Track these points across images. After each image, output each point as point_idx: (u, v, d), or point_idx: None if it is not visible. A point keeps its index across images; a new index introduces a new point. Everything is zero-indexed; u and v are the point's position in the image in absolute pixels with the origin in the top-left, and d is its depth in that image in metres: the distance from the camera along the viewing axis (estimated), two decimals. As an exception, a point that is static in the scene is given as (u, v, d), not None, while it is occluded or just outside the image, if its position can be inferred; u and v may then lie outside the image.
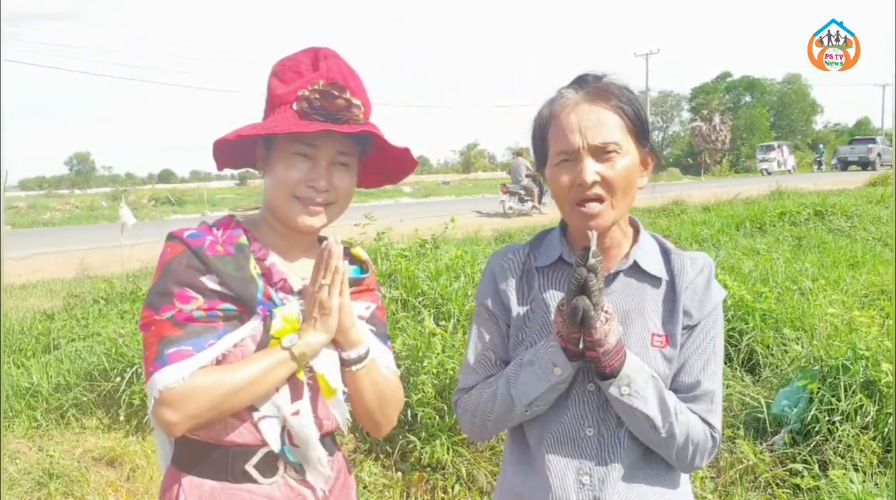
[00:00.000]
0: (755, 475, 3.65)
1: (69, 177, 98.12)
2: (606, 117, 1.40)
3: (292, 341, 1.44)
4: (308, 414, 1.48)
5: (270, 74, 1.53)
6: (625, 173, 1.40)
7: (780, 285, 5.87)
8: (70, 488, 3.85)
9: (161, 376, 1.37)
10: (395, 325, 4.78)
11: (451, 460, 3.82)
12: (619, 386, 1.35)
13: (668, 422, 1.37)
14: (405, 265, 5.83)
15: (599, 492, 1.43)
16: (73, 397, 4.79)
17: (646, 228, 1.58)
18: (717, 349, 1.48)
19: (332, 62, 1.50)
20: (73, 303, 7.35)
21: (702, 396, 1.44)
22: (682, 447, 1.41)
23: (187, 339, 1.40)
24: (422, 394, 3.94)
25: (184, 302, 1.41)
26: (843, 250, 8.77)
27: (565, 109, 1.42)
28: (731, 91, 68.39)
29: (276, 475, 1.49)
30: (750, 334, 4.80)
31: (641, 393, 1.35)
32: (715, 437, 1.44)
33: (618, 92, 1.43)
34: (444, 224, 7.73)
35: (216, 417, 1.42)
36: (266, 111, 1.53)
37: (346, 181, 1.53)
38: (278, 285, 1.51)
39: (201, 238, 1.47)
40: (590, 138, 1.38)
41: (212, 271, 1.44)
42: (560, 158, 1.42)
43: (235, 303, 1.45)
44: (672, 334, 1.44)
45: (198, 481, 1.47)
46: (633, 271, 1.48)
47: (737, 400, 4.30)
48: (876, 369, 3.74)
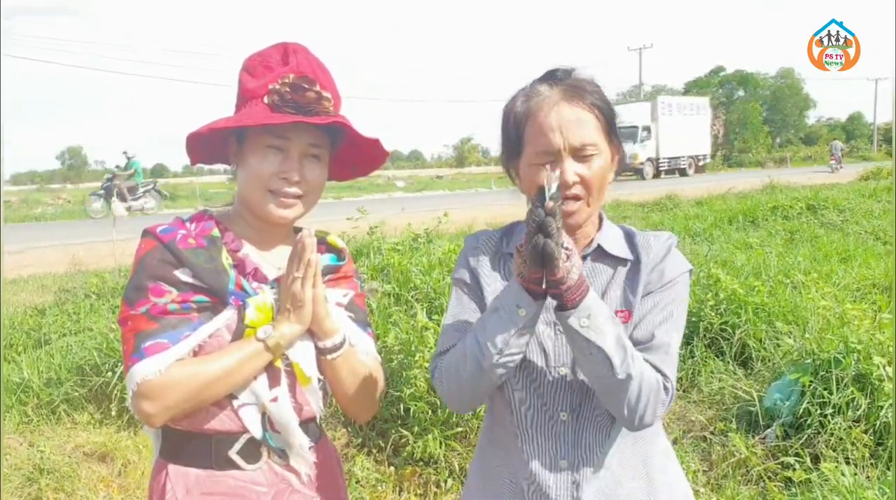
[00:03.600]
0: (747, 468, 3.65)
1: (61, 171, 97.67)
2: (585, 117, 1.42)
3: (266, 333, 1.47)
4: (286, 400, 1.51)
5: (241, 69, 1.55)
6: (601, 173, 1.44)
7: (772, 278, 5.88)
8: (61, 483, 3.83)
9: (138, 369, 1.40)
10: (387, 319, 4.77)
11: (443, 454, 3.81)
12: (578, 318, 1.32)
13: (624, 363, 1.34)
14: (398, 259, 5.82)
15: (577, 475, 1.45)
16: (64, 392, 4.76)
17: (638, 222, 1.60)
18: (675, 314, 1.47)
19: (301, 56, 1.53)
20: (65, 298, 7.31)
21: (656, 347, 1.43)
22: (635, 395, 1.36)
23: (163, 332, 1.43)
24: (414, 388, 3.93)
25: (158, 296, 1.45)
26: (835, 244, 8.80)
27: (543, 108, 1.43)
28: (725, 86, 68.48)
29: (260, 461, 1.53)
30: (742, 328, 4.81)
31: (601, 327, 1.32)
32: (668, 387, 1.42)
33: (591, 89, 1.45)
34: (438, 218, 7.71)
35: (194, 407, 1.45)
36: (237, 106, 1.55)
37: (316, 173, 1.56)
38: (251, 274, 1.53)
39: (173, 232, 1.50)
40: (570, 139, 1.40)
41: (184, 264, 1.47)
42: (538, 159, 1.43)
43: (208, 294, 1.48)
44: (633, 305, 1.46)
45: (183, 469, 1.51)
46: (598, 255, 1.51)
47: (729, 394, 4.31)
48: (868, 362, 3.75)
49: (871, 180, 19.38)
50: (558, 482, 1.45)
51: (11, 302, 7.75)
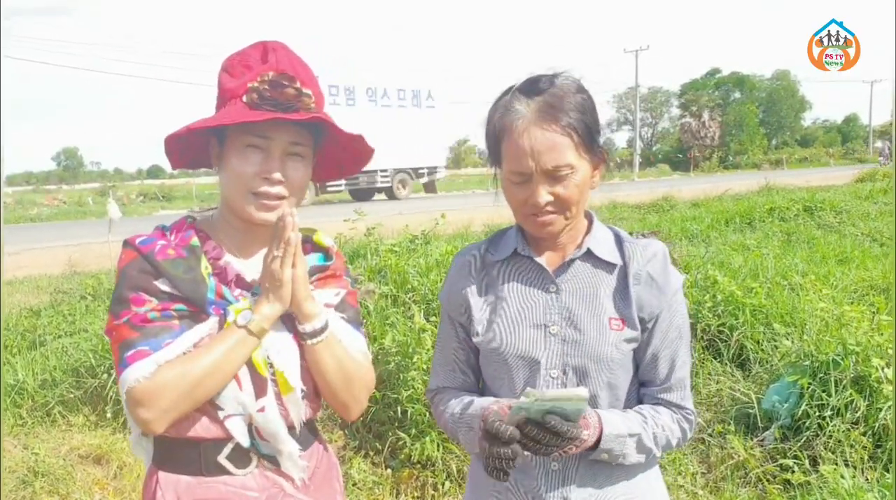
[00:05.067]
0: (746, 470, 3.65)
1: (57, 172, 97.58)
2: (557, 140, 1.40)
3: (247, 318, 1.46)
4: (274, 410, 1.50)
5: (220, 70, 1.52)
6: (577, 190, 1.44)
7: (769, 280, 5.88)
8: (55, 486, 3.81)
9: (125, 377, 1.40)
10: (384, 321, 4.75)
11: (441, 456, 3.80)
12: (599, 456, 1.42)
13: (651, 455, 1.45)
14: (395, 261, 5.80)
15: (568, 478, 1.48)
16: (59, 394, 4.73)
17: (635, 224, 1.60)
18: (683, 335, 1.52)
19: (280, 54, 1.50)
20: (60, 299, 7.28)
21: (675, 385, 1.51)
22: (672, 448, 1.53)
23: (144, 340, 1.42)
24: (412, 390, 3.91)
25: (138, 305, 1.44)
26: (832, 246, 8.80)
27: (517, 129, 1.42)
28: (721, 87, 68.67)
29: (251, 466, 1.52)
30: (740, 330, 4.80)
31: (622, 452, 1.42)
32: (690, 419, 1.52)
33: (568, 106, 1.41)
34: (435, 220, 7.70)
35: (191, 406, 1.44)
36: (217, 107, 1.53)
37: (299, 172, 1.51)
38: (233, 282, 1.52)
39: (152, 243, 1.49)
40: (542, 163, 1.40)
41: (162, 274, 1.46)
42: (514, 178, 1.45)
43: (187, 303, 1.47)
44: (628, 317, 1.48)
45: (174, 477, 1.50)
46: (587, 258, 1.52)
47: (727, 396, 4.30)
48: (866, 364, 3.75)
49: (867, 182, 19.38)
50: (549, 484, 1.48)
51: (7, 303, 7.71)
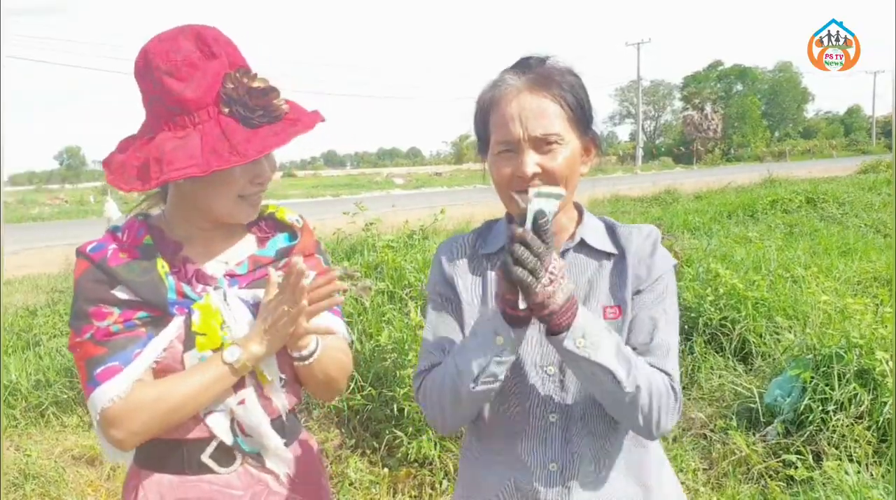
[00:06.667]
0: (748, 466, 3.59)
1: (59, 172, 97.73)
2: (548, 107, 1.36)
3: (234, 355, 1.41)
4: (254, 402, 1.47)
5: (160, 73, 1.34)
6: (566, 164, 1.37)
7: (772, 273, 5.81)
8: (46, 488, 3.76)
9: (96, 396, 1.36)
10: (381, 317, 4.70)
11: (438, 455, 3.75)
12: (573, 339, 1.26)
13: (630, 374, 1.29)
14: (392, 257, 5.75)
15: (567, 478, 1.40)
16: (53, 394, 4.71)
17: (638, 217, 1.54)
18: (668, 310, 1.42)
19: (223, 43, 1.40)
20: (57, 299, 7.25)
21: (655, 347, 1.38)
22: (647, 403, 1.31)
23: (112, 355, 1.38)
24: (408, 388, 3.86)
25: (100, 319, 1.39)
26: (835, 238, 8.76)
27: (506, 97, 1.37)
28: (723, 80, 68.62)
29: (235, 464, 1.49)
30: (742, 323, 4.74)
31: (598, 344, 1.27)
32: (675, 387, 1.37)
33: (560, 79, 1.38)
34: (434, 215, 7.64)
35: (160, 431, 1.41)
36: (170, 115, 1.36)
37: (274, 164, 1.51)
38: (193, 277, 1.46)
39: (103, 250, 1.43)
40: (531, 129, 1.34)
41: (119, 281, 1.40)
42: (501, 148, 1.38)
43: (149, 309, 1.41)
44: (623, 301, 1.41)
45: (157, 476, 1.47)
46: (580, 248, 1.46)
47: (729, 390, 4.25)
48: (870, 357, 3.68)
49: (871, 173, 19.33)
50: (549, 485, 1.40)
51: (5, 303, 7.69)
